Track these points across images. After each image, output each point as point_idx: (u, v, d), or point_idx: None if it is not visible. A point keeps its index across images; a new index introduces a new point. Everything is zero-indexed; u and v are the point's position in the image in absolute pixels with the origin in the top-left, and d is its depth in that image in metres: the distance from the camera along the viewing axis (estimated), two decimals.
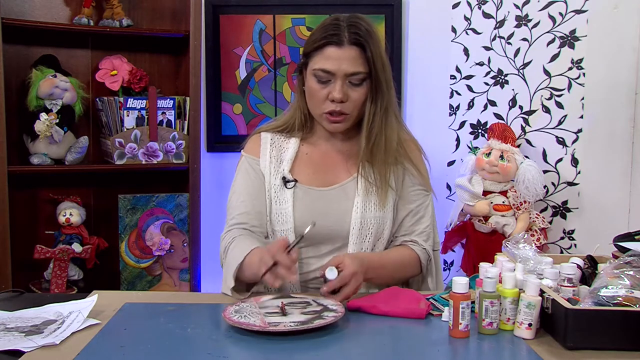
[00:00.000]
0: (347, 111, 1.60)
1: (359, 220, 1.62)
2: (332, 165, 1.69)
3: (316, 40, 1.59)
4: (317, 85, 1.59)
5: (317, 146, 1.71)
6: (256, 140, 1.73)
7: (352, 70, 1.56)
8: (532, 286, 1.30)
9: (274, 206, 1.65)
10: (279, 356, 1.22)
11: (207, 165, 2.77)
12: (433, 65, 2.86)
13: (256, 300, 1.45)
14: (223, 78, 2.87)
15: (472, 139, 2.86)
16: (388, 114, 1.63)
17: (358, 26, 1.57)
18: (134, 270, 2.60)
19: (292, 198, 1.63)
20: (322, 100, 1.60)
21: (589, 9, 2.76)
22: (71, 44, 2.63)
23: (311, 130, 1.72)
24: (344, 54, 1.56)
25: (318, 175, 1.67)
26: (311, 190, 1.65)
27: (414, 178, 1.69)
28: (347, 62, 1.56)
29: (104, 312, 1.41)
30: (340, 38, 1.56)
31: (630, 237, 1.48)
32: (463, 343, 1.28)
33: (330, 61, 1.56)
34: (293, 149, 1.69)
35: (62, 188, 2.60)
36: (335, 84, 1.57)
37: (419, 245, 1.67)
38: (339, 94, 1.56)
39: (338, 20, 1.59)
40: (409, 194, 1.69)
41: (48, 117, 2.41)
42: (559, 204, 2.86)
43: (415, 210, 1.69)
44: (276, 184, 1.66)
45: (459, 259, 2.83)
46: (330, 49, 1.56)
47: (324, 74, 1.57)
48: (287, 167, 1.67)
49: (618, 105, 2.79)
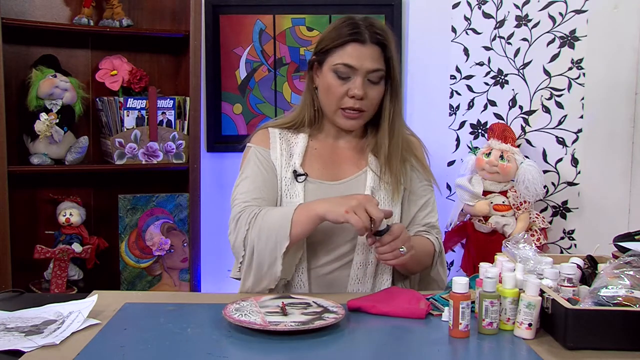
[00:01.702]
0: (364, 108, 1.63)
1: None
2: (341, 160, 1.71)
3: (337, 37, 1.62)
4: (337, 81, 1.62)
5: (325, 142, 1.73)
6: (264, 134, 1.73)
7: (374, 67, 1.60)
8: (532, 286, 1.30)
9: (285, 199, 1.66)
10: (279, 356, 1.22)
11: (207, 165, 2.77)
12: (433, 65, 2.86)
13: (256, 300, 1.45)
14: (223, 78, 2.87)
15: (472, 139, 2.86)
16: (401, 112, 1.70)
17: (377, 27, 1.62)
18: (134, 270, 2.60)
19: (303, 192, 1.64)
20: (340, 97, 1.62)
21: (589, 9, 2.76)
22: (71, 44, 2.63)
23: (319, 127, 1.74)
24: (366, 51, 1.60)
25: (328, 170, 1.69)
26: (322, 185, 1.66)
27: (421, 173, 1.73)
28: (369, 59, 1.60)
29: (104, 312, 1.41)
30: (364, 36, 1.60)
31: (630, 237, 1.48)
32: (463, 343, 1.28)
33: (353, 57, 1.59)
34: (303, 143, 1.70)
35: (62, 188, 2.60)
36: (355, 80, 1.60)
37: (433, 235, 1.71)
38: (360, 91, 1.59)
39: (354, 20, 1.63)
40: (418, 189, 1.72)
41: (48, 117, 2.41)
42: (559, 204, 2.86)
43: (425, 204, 1.73)
44: (287, 177, 1.67)
45: (459, 259, 2.83)
46: (354, 45, 1.60)
47: (346, 69, 1.60)
48: (298, 161, 1.67)
49: (618, 105, 2.79)
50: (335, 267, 1.65)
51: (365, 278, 1.64)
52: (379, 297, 1.48)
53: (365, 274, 1.64)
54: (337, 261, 1.64)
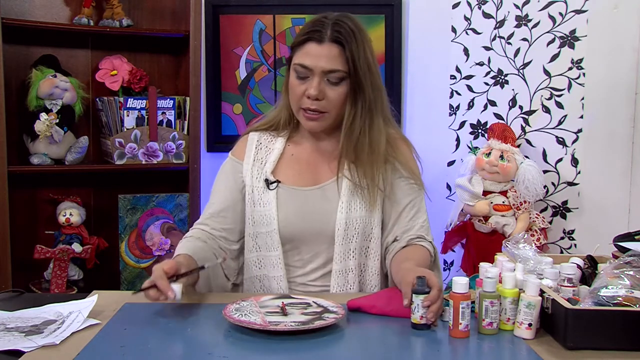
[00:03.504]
0: (323, 109, 1.58)
1: (344, 220, 1.59)
2: (317, 164, 1.67)
3: (299, 36, 1.59)
4: (296, 81, 1.58)
5: (303, 145, 1.70)
6: (243, 142, 1.73)
7: (330, 67, 1.55)
8: (532, 286, 1.30)
9: (257, 208, 1.64)
10: (279, 356, 1.22)
11: (207, 165, 2.77)
12: (433, 65, 2.86)
13: (256, 300, 1.45)
14: (223, 78, 2.87)
15: (472, 139, 2.86)
16: (373, 115, 1.61)
17: (342, 25, 1.56)
18: (134, 270, 2.60)
19: (276, 199, 1.62)
20: (299, 96, 1.58)
21: (589, 9, 2.76)
22: (71, 44, 2.63)
23: (297, 128, 1.71)
24: (322, 50, 1.55)
25: (303, 175, 1.66)
26: (295, 191, 1.64)
27: (405, 173, 1.66)
28: (325, 59, 1.54)
29: (104, 312, 1.41)
30: (322, 35, 1.55)
31: (630, 237, 1.48)
32: (463, 343, 1.28)
33: (309, 57, 1.55)
34: (278, 151, 1.68)
35: (62, 188, 2.60)
36: (312, 81, 1.56)
37: (426, 240, 1.64)
38: (315, 91, 1.55)
39: (325, 18, 1.58)
40: (402, 189, 1.65)
41: (48, 117, 2.41)
42: (559, 204, 2.86)
43: (412, 203, 1.65)
44: (259, 186, 1.65)
45: (459, 259, 2.83)
46: (311, 44, 1.56)
47: (303, 69, 1.56)
48: (269, 169, 1.65)
49: (618, 105, 2.79)
50: (316, 276, 1.64)
51: (348, 285, 1.61)
52: (379, 297, 1.48)
53: (347, 281, 1.61)
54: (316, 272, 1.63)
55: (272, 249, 1.62)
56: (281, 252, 1.62)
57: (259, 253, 1.65)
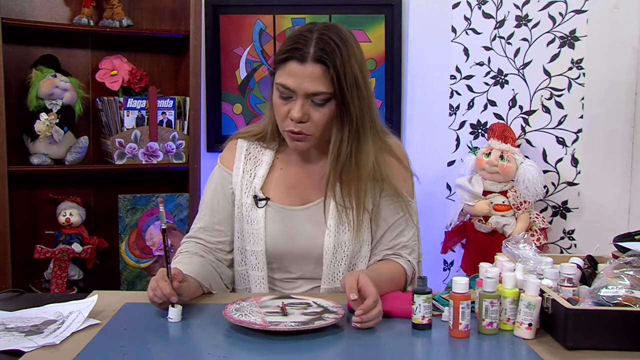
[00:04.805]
0: (307, 132, 1.50)
1: (332, 244, 1.56)
2: (306, 183, 1.62)
3: (281, 52, 1.49)
4: (279, 100, 1.50)
5: (292, 160, 1.64)
6: (232, 149, 1.68)
7: (313, 90, 1.46)
8: (532, 286, 1.30)
9: (246, 226, 1.61)
10: (279, 356, 1.22)
11: (207, 165, 2.76)
12: (433, 65, 2.86)
13: (256, 300, 1.45)
14: (223, 78, 2.87)
15: (472, 139, 2.86)
16: (360, 136, 1.53)
17: (327, 41, 1.45)
18: (134, 270, 2.60)
19: (264, 218, 1.59)
20: (283, 117, 1.51)
21: (589, 9, 2.76)
22: (71, 44, 2.63)
23: (285, 141, 1.61)
24: (305, 71, 1.45)
25: (291, 193, 1.61)
26: (283, 210, 1.60)
27: (390, 192, 1.59)
28: (309, 81, 1.45)
29: (104, 312, 1.41)
30: (303, 54, 1.45)
31: (630, 237, 1.48)
32: (463, 343, 1.28)
33: (291, 78, 1.46)
34: (267, 164, 1.63)
35: (62, 188, 2.60)
36: (295, 103, 1.47)
37: (403, 258, 1.60)
38: (298, 114, 1.46)
39: (309, 32, 1.48)
40: (387, 208, 1.60)
41: (48, 117, 2.41)
42: (559, 204, 2.86)
43: (396, 224, 1.61)
44: (247, 202, 1.61)
45: (459, 259, 2.83)
46: (292, 64, 1.46)
47: (285, 90, 1.47)
48: (259, 184, 1.61)
49: (618, 105, 2.79)
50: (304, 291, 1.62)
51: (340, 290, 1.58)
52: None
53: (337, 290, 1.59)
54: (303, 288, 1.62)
55: (257, 268, 1.60)
56: (266, 273, 1.60)
57: (245, 268, 1.64)
